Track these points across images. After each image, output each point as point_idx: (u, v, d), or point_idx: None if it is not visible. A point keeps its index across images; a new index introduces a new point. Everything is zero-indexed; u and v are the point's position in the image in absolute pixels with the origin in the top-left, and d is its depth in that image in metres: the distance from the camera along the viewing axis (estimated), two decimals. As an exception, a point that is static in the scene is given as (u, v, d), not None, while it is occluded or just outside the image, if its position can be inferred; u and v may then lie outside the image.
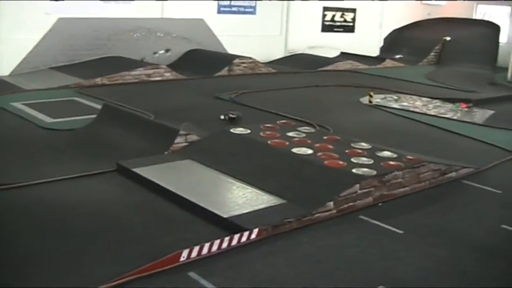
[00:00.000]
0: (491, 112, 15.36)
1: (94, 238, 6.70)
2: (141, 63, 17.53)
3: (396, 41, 27.65)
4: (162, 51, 18.88)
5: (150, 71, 16.98)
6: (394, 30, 28.07)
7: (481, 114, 15.08)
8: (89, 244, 6.57)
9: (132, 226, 7.11)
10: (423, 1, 29.24)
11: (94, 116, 11.62)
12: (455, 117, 14.53)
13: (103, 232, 6.89)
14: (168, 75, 17.37)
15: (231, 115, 11.94)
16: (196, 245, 6.26)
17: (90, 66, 17.13)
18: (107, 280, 5.59)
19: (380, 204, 8.17)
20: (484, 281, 6.27)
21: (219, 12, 21.52)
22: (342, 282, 5.99)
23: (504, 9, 28.56)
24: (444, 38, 26.77)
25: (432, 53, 26.50)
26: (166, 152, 9.62)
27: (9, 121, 11.89)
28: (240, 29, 21.70)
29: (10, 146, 10.17)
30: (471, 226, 7.74)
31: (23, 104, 13.11)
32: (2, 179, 8.20)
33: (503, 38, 26.92)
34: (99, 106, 12.24)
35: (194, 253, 6.21)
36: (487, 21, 28.03)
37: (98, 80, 15.88)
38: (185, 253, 6.15)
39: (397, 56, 25.93)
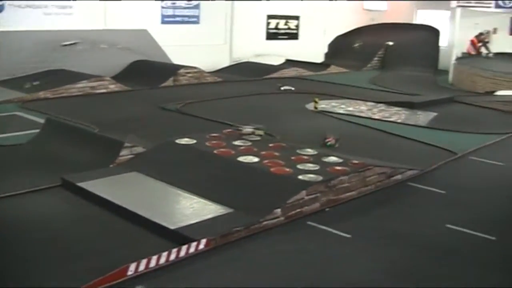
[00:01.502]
0: (434, 114, 15.66)
1: (38, 255, 6.56)
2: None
3: (340, 47, 27.96)
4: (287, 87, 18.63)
5: (95, 84, 16.74)
6: (338, 36, 28.37)
7: (424, 117, 15.35)
8: (34, 261, 6.43)
9: (78, 241, 6.99)
10: (365, 7, 29.65)
11: (38, 130, 11.39)
12: (399, 120, 14.75)
13: (48, 248, 6.75)
14: (113, 87, 17.15)
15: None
16: (144, 258, 6.18)
17: (34, 79, 16.76)
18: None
19: (327, 209, 8.22)
20: (434, 280, 6.38)
21: (163, 22, 21.45)
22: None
23: (444, 13, 29.17)
24: (387, 43, 27.19)
25: (376, 58, 26.91)
26: (111, 165, 9.50)
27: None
28: (184, 39, 21.64)
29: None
30: (418, 227, 7.86)
31: (-37, 121, 12.79)
32: None
33: (443, 42, 27.49)
34: (42, 121, 12.02)
35: (141, 267, 6.14)
36: (428, 26, 28.60)
37: (41, 94, 15.56)
38: (132, 267, 6.06)
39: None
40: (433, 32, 27.64)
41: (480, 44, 26.38)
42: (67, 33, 18.30)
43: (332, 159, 9.19)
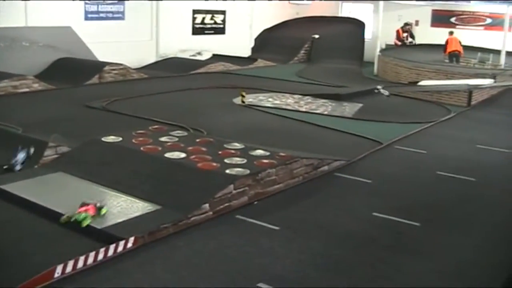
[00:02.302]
0: (360, 105, 15.98)
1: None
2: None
3: (267, 41, 28.11)
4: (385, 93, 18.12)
5: (17, 83, 16.26)
6: (264, 30, 28.52)
7: (350, 108, 15.62)
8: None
9: (2, 246, 6.78)
10: (291, 1, 29.88)
11: (-43, 133, 11.03)
12: (326, 112, 14.96)
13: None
14: (37, 85, 16.72)
15: None
16: (71, 259, 6.08)
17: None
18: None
19: (255, 202, 8.28)
20: (358, 269, 6.52)
21: (86, 19, 21.02)
22: (221, 283, 6.03)
23: (368, 6, 29.72)
24: (313, 36, 27.49)
25: (302, 51, 27.18)
26: (36, 166, 9.29)
27: None
28: (109, 35, 21.29)
29: None
30: (345, 217, 8.03)
31: None
32: None
33: (368, 35, 28.01)
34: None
35: (69, 268, 6.04)
36: (353, 19, 29.10)
37: (-40, 95, 15.07)
38: (59, 269, 5.96)
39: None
40: (358, 25, 28.15)
41: (405, 34, 27.10)
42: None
43: (259, 152, 9.24)
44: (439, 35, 26.07)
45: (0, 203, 8.09)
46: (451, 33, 23.77)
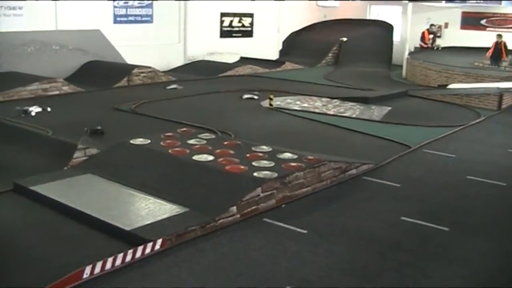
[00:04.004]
0: (388, 108, 15.86)
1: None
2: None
3: (294, 44, 28.10)
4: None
5: (47, 86, 16.46)
6: (292, 33, 28.51)
7: (378, 111, 15.52)
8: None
9: (32, 247, 6.86)
10: (318, 4, 29.84)
11: (-12, 135, 11.19)
12: (354, 115, 14.89)
13: (1, 254, 6.63)
14: (66, 88, 16.91)
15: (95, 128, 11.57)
16: (99, 260, 6.12)
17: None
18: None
19: (283, 205, 8.25)
20: (385, 274, 6.45)
21: (115, 22, 21.22)
22: (248, 286, 6.01)
23: (396, 9, 29.55)
24: (341, 39, 27.41)
25: (330, 54, 27.11)
26: (65, 168, 9.39)
27: None
28: (138, 38, 21.48)
29: None
30: (372, 221, 7.95)
31: None
32: None
33: (396, 37, 27.84)
34: (-7, 124, 11.81)
35: (97, 269, 6.08)
36: (381, 21, 28.95)
37: (-8, 98, 15.28)
38: (87, 270, 6.00)
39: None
40: (386, 27, 28.00)
41: (431, 36, 26.84)
42: (17, 34, 17.96)
43: (287, 155, 9.22)
44: (468, 38, 25.85)
45: (30, 204, 8.21)
46: (499, 36, 23.20)
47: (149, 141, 9.70)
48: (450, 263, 6.75)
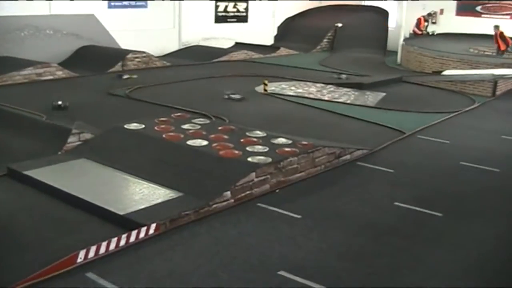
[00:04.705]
0: (383, 94, 15.87)
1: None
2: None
3: (289, 29, 28.04)
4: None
5: (41, 70, 16.41)
6: (287, 19, 28.45)
7: (373, 97, 15.52)
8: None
9: (25, 231, 6.86)
10: (314, -11, 29.75)
11: (-19, 120, 11.16)
12: (348, 101, 14.88)
13: (-7, 239, 6.62)
14: (60, 73, 16.86)
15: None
16: (93, 244, 6.13)
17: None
18: (-2, 288, 5.40)
19: (277, 190, 8.27)
20: (378, 258, 6.48)
21: (110, 7, 21.13)
22: (242, 271, 6.03)
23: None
24: (336, 24, 27.36)
25: (325, 40, 27.08)
26: (59, 152, 9.37)
27: None
28: (132, 23, 21.40)
29: None
30: (366, 206, 7.98)
31: None
32: None
33: (392, 23, 27.77)
34: (-15, 109, 11.77)
35: (91, 253, 6.09)
36: (376, 7, 28.85)
37: (-15, 82, 15.22)
38: (81, 254, 6.01)
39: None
40: (382, 13, 27.92)
41: (426, 23, 26.78)
42: (11, 19, 17.86)
43: (281, 140, 9.23)
44: (463, 24, 25.78)
45: (23, 189, 8.19)
46: (496, 27, 22.79)
47: (144, 125, 9.68)
48: (444, 248, 6.79)
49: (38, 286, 5.56)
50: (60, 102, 11.87)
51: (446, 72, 19.39)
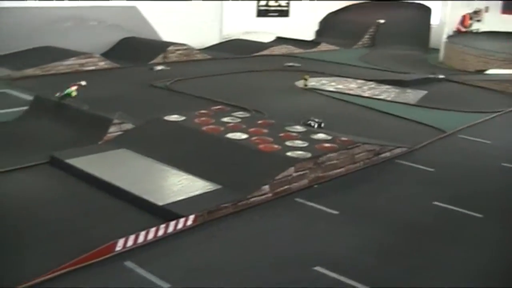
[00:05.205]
0: (424, 92, 15.66)
1: (24, 233, 6.55)
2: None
3: (331, 24, 27.86)
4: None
5: (84, 61, 16.63)
6: (329, 14, 28.27)
7: (414, 95, 15.34)
8: (19, 238, 6.42)
9: (65, 218, 6.98)
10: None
11: (26, 108, 11.34)
12: (389, 98, 14.75)
13: (34, 225, 6.74)
14: (102, 64, 17.06)
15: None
16: (132, 234, 6.19)
17: (21, 57, 16.64)
18: (40, 273, 5.48)
19: (315, 186, 8.24)
20: (412, 256, 6.46)
21: (152, -2, 21.27)
22: (277, 265, 6.04)
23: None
24: (378, 20, 27.11)
25: (366, 36, 26.83)
26: (100, 142, 9.48)
27: None
28: (174, 15, 21.45)
29: None
30: (404, 204, 7.91)
31: (-50, 98, 12.71)
32: None
33: (435, 20, 27.42)
34: (30, 98, 11.96)
35: (129, 242, 6.17)
36: (419, 4, 28.50)
37: (30, 71, 15.46)
38: (120, 243, 6.09)
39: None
40: (425, 10, 27.57)
41: (471, 21, 26.33)
42: (56, 9, 18.11)
43: (321, 136, 9.21)
44: (509, 23, 25.31)
45: (65, 176, 8.33)
46: None
47: (184, 118, 9.74)
48: (480, 249, 6.69)
49: (78, 271, 5.66)
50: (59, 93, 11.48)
51: (490, 71, 19.07)
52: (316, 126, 10.68)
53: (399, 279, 5.93)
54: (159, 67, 17.22)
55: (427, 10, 27.44)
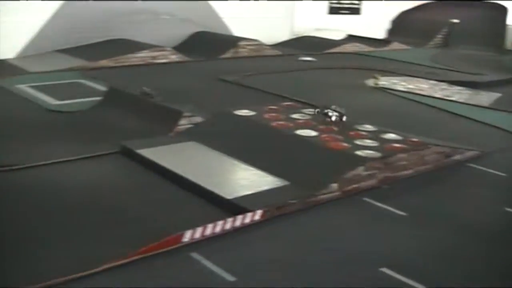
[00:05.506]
0: (498, 95, 15.27)
1: (94, 219, 6.71)
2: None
3: (403, 23, 27.50)
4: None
5: (156, 53, 16.91)
6: (402, 12, 27.90)
7: (487, 97, 14.98)
8: (89, 225, 6.58)
9: (134, 207, 7.11)
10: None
11: (99, 98, 11.61)
12: (461, 100, 14.44)
13: (103, 213, 6.89)
14: (174, 57, 17.30)
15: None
16: (199, 226, 6.25)
17: (95, 48, 17.07)
18: (108, 260, 5.60)
19: (384, 186, 8.14)
20: (477, 262, 6.31)
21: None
22: (342, 264, 6.00)
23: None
24: (452, 20, 26.58)
25: (439, 36, 26.35)
26: (170, 134, 9.61)
27: (14, 103, 11.85)
28: (245, 11, 21.55)
29: (15, 127, 10.14)
30: (474, 210, 7.72)
31: (28, 86, 13.09)
32: (6, 160, 8.24)
33: (511, 21, 26.71)
34: (104, 88, 12.23)
35: (197, 234, 6.22)
36: (494, 3, 27.81)
37: (103, 62, 15.81)
38: (187, 234, 6.14)
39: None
40: (500, 10, 26.88)
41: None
42: (130, 3, 18.44)
43: (391, 136, 9.10)
44: None
45: (135, 166, 8.48)
46: None
47: (254, 112, 9.78)
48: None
49: (145, 260, 5.76)
50: (146, 89, 11.57)
51: None
52: (334, 118, 9.71)
53: (465, 285, 5.81)
54: (307, 58, 17.45)
55: (503, 10, 26.73)
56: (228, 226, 6.49)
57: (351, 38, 23.83)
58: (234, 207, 6.92)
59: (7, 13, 16.07)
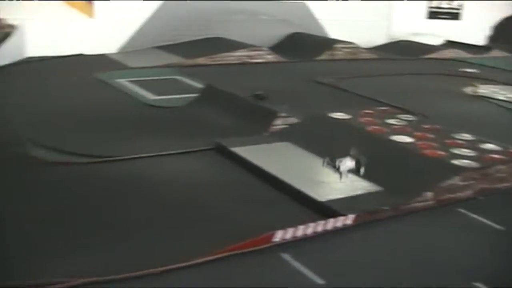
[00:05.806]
0: None
1: (186, 214, 6.87)
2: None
3: (506, 29, 26.58)
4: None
5: (252, 53, 17.07)
6: (504, 19, 26.98)
7: None
8: (181, 219, 6.74)
9: (226, 204, 7.22)
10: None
11: (196, 95, 11.82)
12: None
13: (196, 208, 7.04)
14: (270, 57, 17.42)
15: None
16: (290, 226, 6.27)
17: (192, 46, 17.41)
18: (198, 255, 5.73)
19: (480, 198, 7.92)
20: None
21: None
22: (433, 275, 5.90)
23: None
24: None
25: (545, 44, 25.34)
26: (265, 134, 9.69)
27: (114, 97, 12.27)
28: (341, 13, 21.42)
29: (114, 120, 10.50)
30: None
31: (128, 80, 13.49)
32: (104, 152, 8.56)
33: None
34: (200, 85, 12.44)
35: (288, 235, 6.24)
36: None
37: (200, 60, 16.10)
38: (278, 234, 6.17)
39: None
40: None
41: None
42: (228, 3, 18.69)
43: (490, 146, 8.85)
44: None
45: (228, 164, 8.60)
46: None
47: (349, 116, 9.73)
48: None
49: (235, 257, 5.84)
50: (259, 92, 11.61)
51: None
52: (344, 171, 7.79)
53: None
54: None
55: None
56: (319, 228, 6.49)
57: (450, 44, 23.27)
58: (325, 209, 6.93)
59: (109, 10, 16.69)
